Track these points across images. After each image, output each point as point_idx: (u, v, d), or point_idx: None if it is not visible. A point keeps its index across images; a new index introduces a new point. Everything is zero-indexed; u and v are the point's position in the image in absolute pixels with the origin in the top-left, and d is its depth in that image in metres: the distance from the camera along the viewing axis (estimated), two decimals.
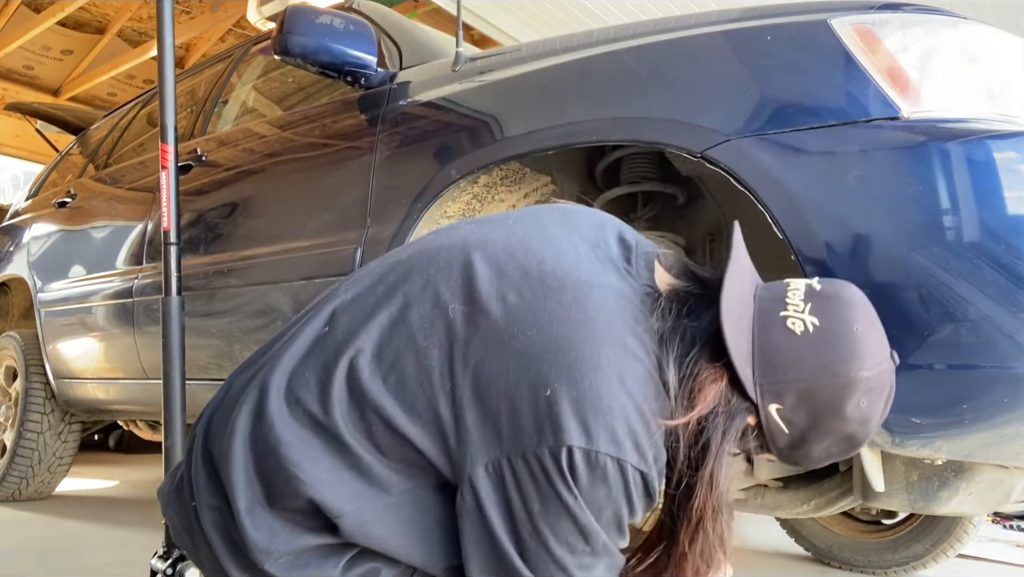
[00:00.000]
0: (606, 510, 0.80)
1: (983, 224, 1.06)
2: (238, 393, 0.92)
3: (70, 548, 2.36)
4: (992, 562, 2.56)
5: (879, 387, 0.87)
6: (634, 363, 0.82)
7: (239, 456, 0.86)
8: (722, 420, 0.85)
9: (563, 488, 0.77)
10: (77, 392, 2.89)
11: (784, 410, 0.85)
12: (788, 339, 0.85)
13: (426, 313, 0.85)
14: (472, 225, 0.97)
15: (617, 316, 0.84)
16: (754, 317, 0.87)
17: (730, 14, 1.36)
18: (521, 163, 1.66)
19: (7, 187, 8.05)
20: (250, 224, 2.13)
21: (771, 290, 0.91)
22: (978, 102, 1.17)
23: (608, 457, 0.77)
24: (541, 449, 0.77)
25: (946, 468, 1.28)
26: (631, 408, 0.79)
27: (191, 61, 6.73)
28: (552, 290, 0.84)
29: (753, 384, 0.85)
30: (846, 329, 0.85)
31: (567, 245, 0.91)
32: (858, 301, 0.90)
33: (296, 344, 0.90)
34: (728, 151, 1.22)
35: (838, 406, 0.85)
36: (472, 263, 0.88)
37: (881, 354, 0.88)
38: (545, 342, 0.80)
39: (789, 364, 0.84)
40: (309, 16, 1.83)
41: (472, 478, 0.80)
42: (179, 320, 1.66)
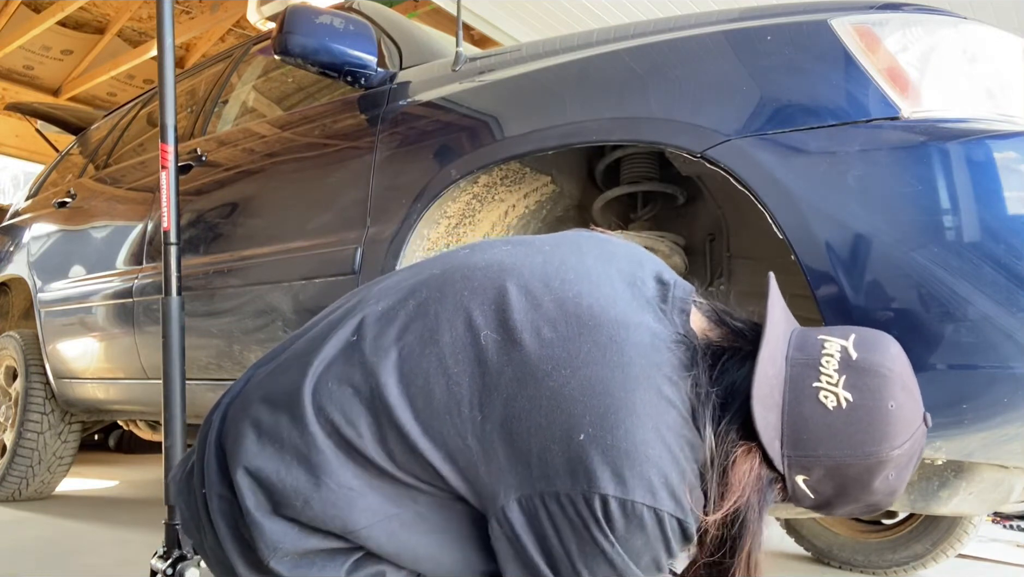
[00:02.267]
0: (644, 556, 0.79)
1: (983, 224, 1.06)
2: (258, 396, 0.91)
3: (70, 548, 2.36)
4: (992, 562, 2.56)
5: (908, 458, 0.85)
6: (669, 409, 0.81)
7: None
8: (756, 499, 0.84)
9: (599, 534, 0.77)
10: (77, 392, 2.89)
11: (811, 481, 0.85)
12: (820, 414, 0.83)
13: (458, 337, 0.84)
14: (508, 247, 0.95)
15: (653, 360, 0.82)
16: (785, 383, 0.85)
17: (730, 14, 1.36)
18: (521, 163, 1.66)
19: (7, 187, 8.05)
20: (250, 224, 2.13)
21: (805, 350, 0.88)
22: (978, 102, 1.17)
23: (644, 507, 0.76)
24: (575, 493, 0.77)
25: (946, 468, 1.28)
26: (666, 456, 0.78)
27: (191, 61, 6.73)
28: (588, 327, 0.82)
29: (781, 457, 0.84)
30: (881, 408, 0.83)
31: (604, 280, 0.89)
32: (896, 369, 0.86)
33: (324, 349, 0.88)
34: (728, 151, 1.22)
35: (867, 481, 0.84)
36: (507, 289, 0.87)
37: (914, 424, 0.85)
38: (580, 384, 0.79)
39: (819, 441, 0.83)
40: (309, 16, 1.83)
41: (506, 511, 0.79)
42: (179, 320, 1.66)
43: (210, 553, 0.90)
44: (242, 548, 0.86)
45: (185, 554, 1.56)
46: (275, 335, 1.94)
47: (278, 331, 1.93)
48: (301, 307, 1.86)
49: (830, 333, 0.90)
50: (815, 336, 0.90)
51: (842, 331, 0.90)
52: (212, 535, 0.87)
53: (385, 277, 1.00)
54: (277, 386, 0.89)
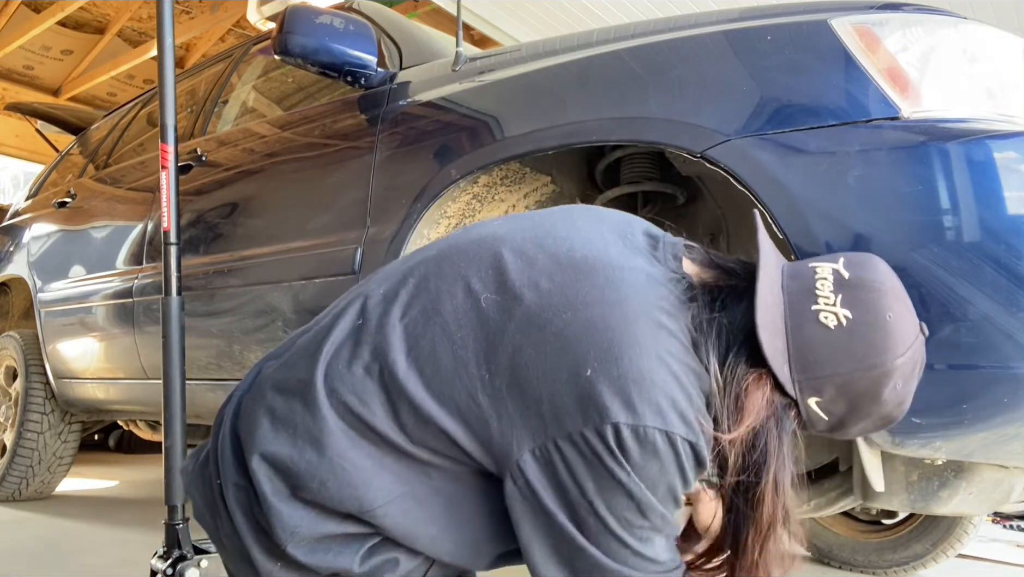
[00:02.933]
0: (660, 484, 0.80)
1: (983, 224, 1.06)
2: (271, 386, 0.92)
3: (70, 548, 2.36)
4: (992, 562, 2.56)
5: (912, 367, 0.88)
6: (670, 338, 0.82)
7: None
8: (774, 424, 0.86)
9: (615, 465, 0.77)
10: (77, 392, 2.89)
11: (823, 402, 0.87)
12: (822, 334, 0.85)
13: (459, 304, 0.86)
14: (499, 221, 0.98)
15: (649, 296, 0.84)
16: (785, 311, 0.87)
17: (730, 14, 1.36)
18: (521, 163, 1.66)
19: (7, 187, 8.05)
20: (250, 224, 2.13)
21: (799, 279, 0.90)
22: (978, 102, 1.17)
23: (656, 430, 0.77)
24: (587, 429, 0.78)
25: (946, 468, 1.28)
26: (672, 381, 0.80)
27: (191, 61, 6.73)
28: (584, 273, 0.85)
29: (792, 382, 0.85)
30: (879, 319, 0.86)
31: (595, 234, 0.91)
32: (888, 283, 0.90)
33: (332, 336, 0.90)
34: (728, 151, 1.22)
35: (876, 393, 0.86)
36: (501, 254, 0.89)
37: (912, 333, 0.88)
38: (581, 324, 0.80)
39: (825, 360, 0.85)
40: (309, 16, 1.83)
41: (520, 464, 0.80)
42: (179, 320, 1.66)
43: (226, 541, 0.91)
44: (258, 535, 0.87)
45: (185, 554, 1.56)
46: (275, 335, 1.94)
47: (278, 331, 1.93)
48: (301, 307, 1.86)
49: (819, 260, 0.93)
50: (806, 265, 0.92)
51: (830, 257, 0.93)
52: (229, 523, 0.89)
53: (384, 266, 1.02)
54: (289, 375, 0.90)
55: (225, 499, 0.89)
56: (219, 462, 0.91)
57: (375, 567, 0.86)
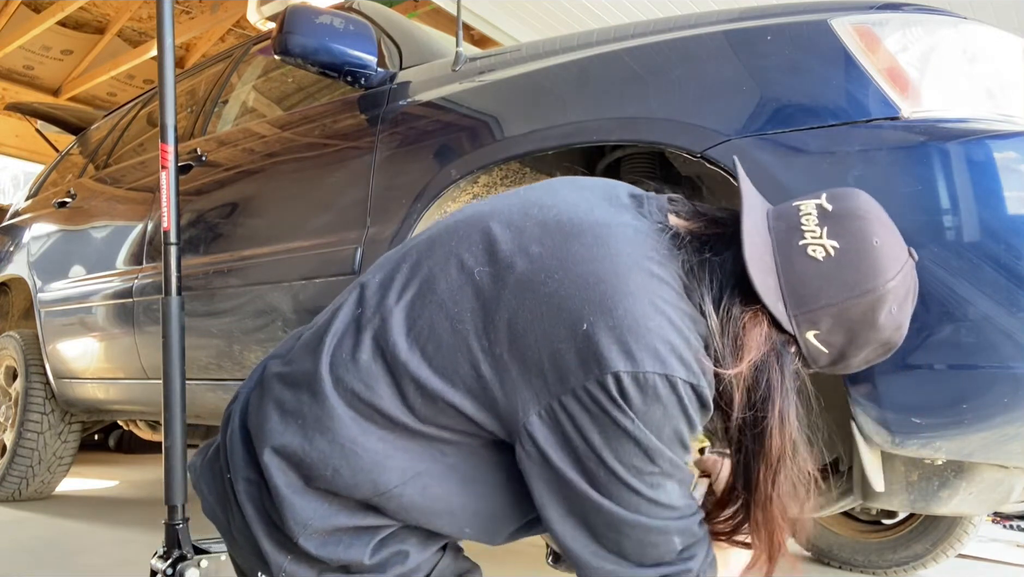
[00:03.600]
0: (665, 428, 0.80)
1: (983, 224, 1.06)
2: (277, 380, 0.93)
3: (70, 548, 2.36)
4: (992, 562, 2.56)
5: (905, 291, 0.90)
6: (662, 285, 0.83)
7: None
8: (774, 359, 0.87)
9: (619, 414, 0.78)
10: (77, 392, 2.89)
11: (821, 334, 0.88)
12: (812, 267, 0.87)
13: (453, 281, 0.87)
14: (485, 200, 1.00)
15: (639, 248, 0.85)
16: (774, 249, 0.89)
17: (730, 14, 1.36)
18: (521, 163, 1.66)
19: (7, 187, 8.05)
20: (250, 224, 2.13)
21: (783, 218, 0.92)
22: (978, 102, 1.17)
23: (656, 375, 0.78)
24: (589, 382, 0.78)
25: (946, 468, 1.28)
26: (668, 326, 0.80)
27: (191, 61, 6.73)
28: (572, 235, 0.86)
29: (788, 318, 0.87)
30: (866, 246, 0.87)
31: (580, 199, 0.93)
32: (871, 212, 0.91)
33: (333, 328, 0.91)
34: (728, 151, 1.22)
35: (872, 319, 0.87)
36: (490, 228, 0.90)
37: (901, 258, 0.90)
38: (573, 281, 0.82)
39: (818, 291, 0.86)
40: (309, 16, 1.83)
41: (528, 428, 0.81)
42: (179, 320, 1.66)
43: (237, 535, 0.92)
44: (269, 528, 0.88)
45: (185, 554, 1.56)
46: (275, 335, 1.94)
47: (278, 331, 1.93)
48: (301, 307, 1.86)
49: (801, 198, 0.94)
50: (789, 204, 0.94)
51: (812, 193, 0.95)
52: (240, 517, 0.90)
53: (379, 258, 1.03)
54: (294, 369, 0.92)
55: (236, 493, 0.90)
56: (229, 457, 0.92)
57: (385, 559, 0.87)
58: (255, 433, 0.90)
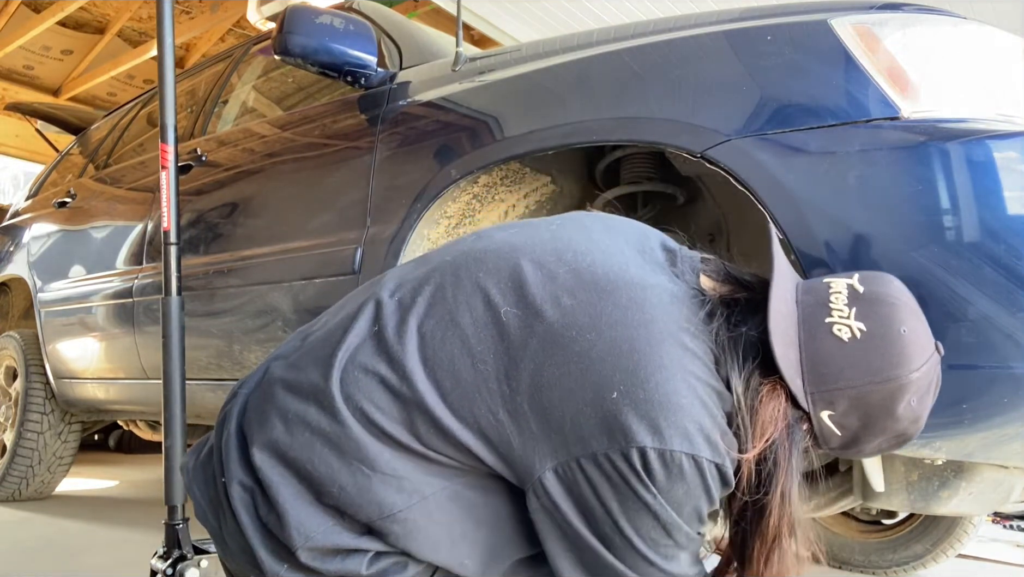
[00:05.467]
0: (686, 505, 0.80)
1: (983, 224, 1.06)
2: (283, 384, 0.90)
3: (70, 548, 2.36)
4: (992, 562, 2.56)
5: (927, 383, 0.88)
6: (694, 360, 0.82)
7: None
8: (786, 436, 0.86)
9: (641, 488, 0.77)
10: (77, 392, 2.89)
11: (836, 416, 0.86)
12: (836, 346, 0.85)
13: (479, 316, 0.85)
14: (514, 229, 0.97)
15: (673, 316, 0.84)
16: (799, 324, 0.88)
17: (730, 14, 1.36)
18: (521, 163, 1.66)
19: (7, 187, 8.04)
20: (250, 224, 2.13)
21: (813, 293, 0.91)
22: (978, 102, 1.17)
23: (683, 455, 0.77)
24: (612, 451, 0.77)
25: (946, 468, 1.28)
26: (697, 404, 0.80)
27: (191, 61, 6.73)
28: (607, 292, 0.84)
29: (804, 394, 0.85)
30: (894, 332, 0.85)
31: (614, 248, 0.91)
32: (902, 299, 0.90)
33: (346, 340, 0.89)
34: (728, 151, 1.22)
35: (890, 408, 0.85)
36: (521, 266, 0.88)
37: (928, 349, 0.88)
38: (606, 345, 0.80)
39: (839, 372, 0.85)
40: (309, 16, 1.83)
41: (543, 481, 0.80)
42: (179, 320, 1.66)
43: (229, 541, 0.90)
44: (265, 536, 0.86)
45: (185, 554, 1.56)
46: (275, 335, 1.94)
47: (278, 331, 1.93)
48: (301, 307, 1.86)
49: (833, 276, 0.93)
50: (820, 280, 0.93)
51: (845, 273, 0.94)
52: (233, 522, 0.87)
53: (395, 269, 1.00)
54: (301, 377, 0.89)
55: (229, 498, 0.87)
56: (224, 460, 0.89)
57: (383, 569, 0.86)
58: (254, 438, 0.87)
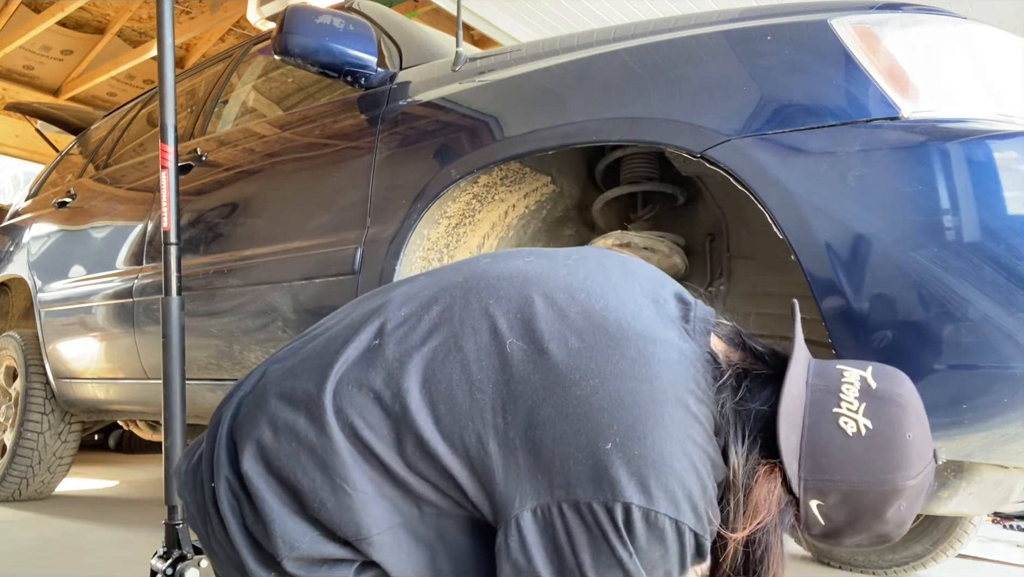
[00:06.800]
0: (658, 569, 0.79)
1: (983, 224, 1.06)
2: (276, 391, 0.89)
3: (70, 548, 2.36)
4: (992, 562, 2.56)
5: (920, 491, 0.87)
6: (696, 425, 0.82)
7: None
8: (778, 520, 0.86)
9: (618, 544, 0.76)
10: (77, 392, 2.89)
11: (825, 507, 0.86)
12: (839, 438, 0.85)
13: (483, 344, 0.84)
14: (530, 258, 0.96)
15: (680, 376, 0.83)
16: (806, 408, 0.87)
17: (730, 14, 1.36)
18: (521, 163, 1.66)
19: (7, 187, 8.05)
20: (250, 224, 2.13)
21: (825, 378, 0.90)
22: (978, 102, 1.17)
23: (667, 518, 0.77)
24: (596, 502, 0.76)
25: (946, 468, 1.28)
26: (691, 471, 0.79)
27: (191, 61, 6.73)
28: (616, 340, 0.83)
29: (798, 480, 0.85)
30: (899, 436, 0.85)
31: (628, 295, 0.90)
32: (912, 403, 0.89)
33: (345, 352, 0.87)
34: (728, 151, 1.22)
35: (880, 510, 0.85)
36: (532, 299, 0.87)
37: (927, 457, 0.87)
38: (608, 394, 0.79)
39: (837, 465, 0.84)
40: (309, 16, 1.83)
41: (519, 520, 0.79)
42: (179, 320, 1.66)
43: (217, 548, 0.89)
44: (252, 544, 0.85)
45: (185, 554, 1.56)
46: (275, 335, 1.94)
47: (278, 331, 1.93)
48: (301, 307, 1.86)
49: (848, 364, 0.92)
50: (834, 366, 0.91)
51: (859, 363, 0.92)
52: (221, 529, 0.87)
53: (404, 281, 0.99)
54: (296, 384, 0.88)
55: (218, 504, 0.86)
56: (214, 465, 0.88)
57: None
58: (244, 444, 0.86)
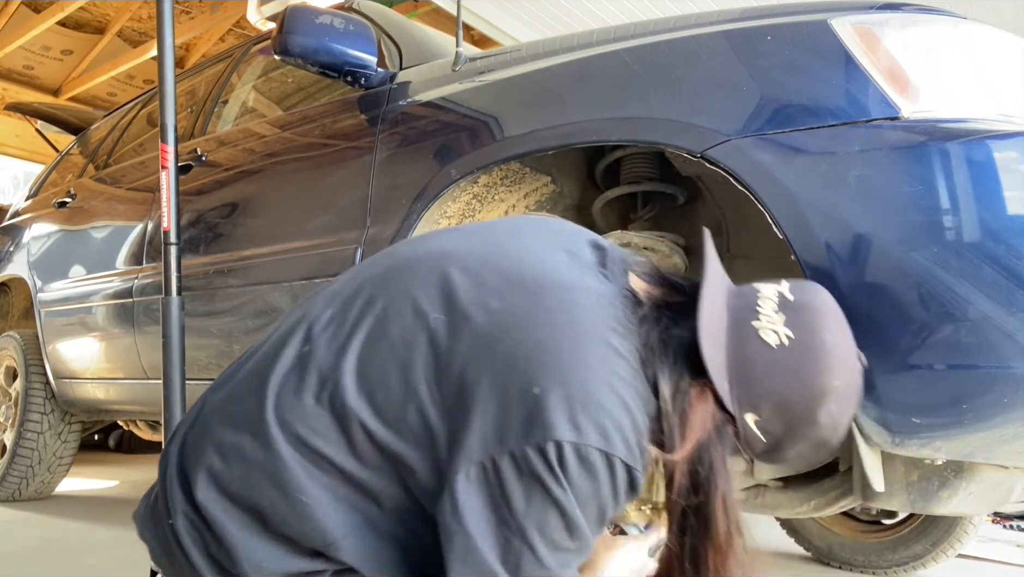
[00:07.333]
0: (591, 504, 0.80)
1: (983, 224, 1.06)
2: (217, 418, 0.90)
3: (70, 548, 2.36)
4: (992, 562, 2.56)
5: (849, 392, 0.90)
6: (620, 360, 0.83)
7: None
8: (716, 439, 0.86)
9: (552, 482, 0.77)
10: (77, 392, 2.89)
11: (761, 421, 0.87)
12: (764, 351, 0.87)
13: (407, 325, 0.85)
14: (445, 234, 0.98)
15: (600, 317, 0.85)
16: (728, 328, 0.89)
17: (730, 14, 1.36)
18: (521, 163, 1.66)
19: (7, 187, 8.05)
20: (250, 224, 2.13)
21: (743, 298, 0.92)
22: (978, 102, 1.17)
23: (597, 451, 0.77)
24: (529, 445, 0.77)
25: (946, 468, 1.28)
26: (619, 405, 0.80)
27: (191, 61, 6.73)
28: (534, 294, 0.85)
29: (731, 397, 0.86)
30: (819, 341, 0.87)
31: (543, 251, 0.92)
32: (829, 309, 0.92)
33: (278, 365, 0.88)
34: (728, 151, 1.22)
35: (812, 415, 0.87)
36: (449, 273, 0.88)
37: (851, 360, 0.90)
38: (532, 344, 0.80)
39: (764, 377, 0.86)
40: (309, 16, 1.83)
41: (452, 486, 0.79)
42: (179, 320, 1.66)
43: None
44: (219, 571, 0.85)
45: None
46: None
47: None
48: None
49: (764, 283, 0.94)
50: (750, 286, 0.94)
51: (774, 280, 0.95)
52: (186, 563, 0.86)
53: (325, 286, 1.00)
54: (236, 408, 0.88)
55: (179, 539, 0.86)
56: (168, 501, 0.88)
57: None
58: (195, 476, 0.86)
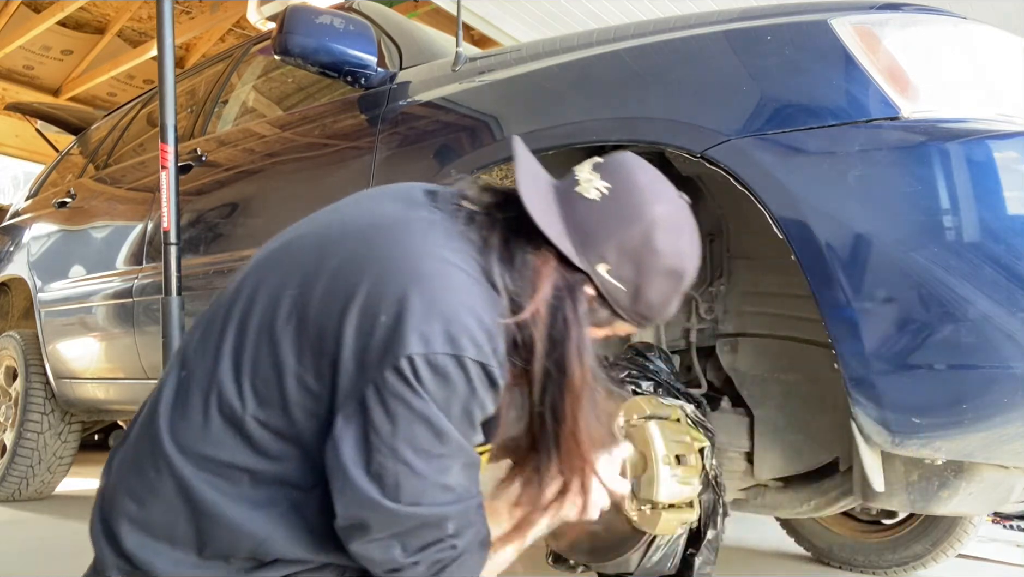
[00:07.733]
0: (454, 406, 0.82)
1: (983, 224, 1.06)
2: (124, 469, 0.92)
3: (70, 548, 2.36)
4: (992, 562, 2.56)
5: (679, 222, 0.98)
6: (456, 272, 0.86)
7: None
8: (567, 295, 0.92)
9: (412, 396, 0.80)
10: (77, 392, 2.89)
11: (613, 269, 0.94)
12: (590, 207, 0.95)
13: (265, 312, 0.88)
14: (295, 225, 1.03)
15: (431, 236, 0.89)
16: (556, 200, 0.97)
17: (730, 14, 1.36)
18: None
19: (7, 187, 8.05)
20: (250, 224, 2.13)
21: (562, 179, 1.01)
22: (978, 102, 1.17)
23: (447, 356, 0.80)
24: (387, 369, 0.80)
25: (946, 468, 1.27)
26: (461, 308, 0.83)
27: (191, 61, 6.73)
28: (370, 236, 0.90)
29: (577, 254, 0.92)
30: (633, 182, 0.96)
31: (376, 204, 0.98)
32: (637, 161, 1.00)
33: (163, 399, 0.91)
34: (728, 151, 1.22)
35: (651, 245, 0.94)
36: (296, 251, 0.93)
37: (668, 192, 0.99)
38: (373, 279, 0.84)
39: (599, 226, 0.94)
40: (309, 16, 1.83)
41: (333, 428, 0.82)
42: (179, 320, 1.66)
43: None
44: None
45: None
46: None
47: None
48: None
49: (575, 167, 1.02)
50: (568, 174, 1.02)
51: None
52: None
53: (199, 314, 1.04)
54: (137, 452, 0.90)
55: None
56: (101, 560, 0.90)
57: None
58: (118, 528, 0.88)
